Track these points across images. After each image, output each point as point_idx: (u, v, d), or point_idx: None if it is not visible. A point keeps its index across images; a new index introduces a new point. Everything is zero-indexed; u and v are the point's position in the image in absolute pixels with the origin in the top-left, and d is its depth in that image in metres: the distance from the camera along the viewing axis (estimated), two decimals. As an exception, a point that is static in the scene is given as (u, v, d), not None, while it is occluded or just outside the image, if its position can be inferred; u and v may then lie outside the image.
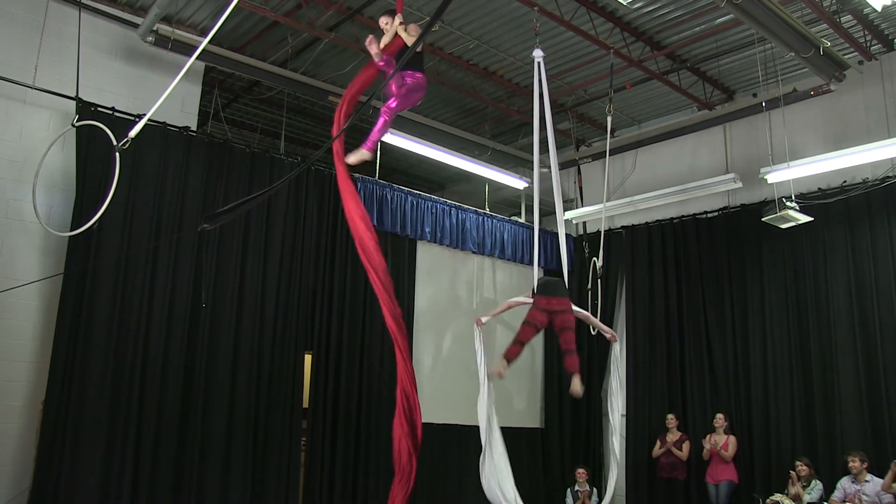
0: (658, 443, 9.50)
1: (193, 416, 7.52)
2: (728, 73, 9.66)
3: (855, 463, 7.63)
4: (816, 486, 7.89)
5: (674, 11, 8.28)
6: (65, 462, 6.68)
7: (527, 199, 11.33)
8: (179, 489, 7.32)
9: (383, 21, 6.04)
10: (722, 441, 8.97)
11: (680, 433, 9.40)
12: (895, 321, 8.19)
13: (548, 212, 11.74)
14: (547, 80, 7.11)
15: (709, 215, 10.09)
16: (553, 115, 10.69)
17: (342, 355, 8.70)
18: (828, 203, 8.77)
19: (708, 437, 9.09)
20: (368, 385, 8.80)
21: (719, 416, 9.11)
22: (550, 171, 6.98)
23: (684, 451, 9.25)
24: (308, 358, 8.61)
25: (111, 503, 6.85)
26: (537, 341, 11.06)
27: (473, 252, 10.46)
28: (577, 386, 6.32)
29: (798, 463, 8.03)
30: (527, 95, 9.06)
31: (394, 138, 8.72)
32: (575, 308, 6.64)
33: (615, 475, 7.41)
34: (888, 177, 8.39)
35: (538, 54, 7.07)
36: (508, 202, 12.01)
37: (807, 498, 7.83)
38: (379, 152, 9.68)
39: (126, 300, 7.29)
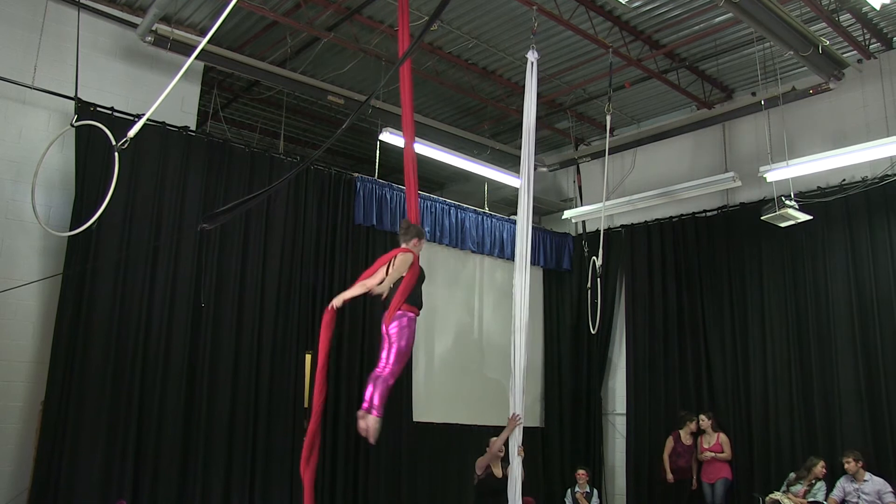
0: (671, 442, 9.21)
1: (194, 416, 7.52)
2: (727, 71, 9.66)
3: (850, 464, 7.64)
4: (821, 488, 7.90)
5: (672, 10, 8.28)
6: (64, 462, 6.67)
7: (526, 199, 11.33)
8: (180, 489, 7.32)
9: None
10: (713, 440, 8.98)
11: (692, 437, 9.20)
12: (894, 319, 8.19)
13: (547, 211, 11.84)
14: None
15: (708, 214, 10.10)
16: (552, 114, 10.82)
17: (342, 355, 8.69)
18: (827, 202, 8.78)
19: (699, 439, 9.10)
20: (368, 384, 8.79)
21: (703, 416, 9.11)
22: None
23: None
24: (308, 358, 8.61)
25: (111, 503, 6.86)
26: (537, 340, 11.08)
27: (473, 251, 10.46)
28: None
29: (821, 463, 7.98)
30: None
31: (393, 138, 8.72)
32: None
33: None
34: (887, 175, 8.39)
35: (532, 56, 7.10)
36: (507, 201, 11.99)
37: (811, 498, 7.85)
38: (378, 152, 9.71)
39: (126, 300, 7.29)
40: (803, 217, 8.30)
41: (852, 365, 8.41)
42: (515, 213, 11.61)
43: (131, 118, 7.05)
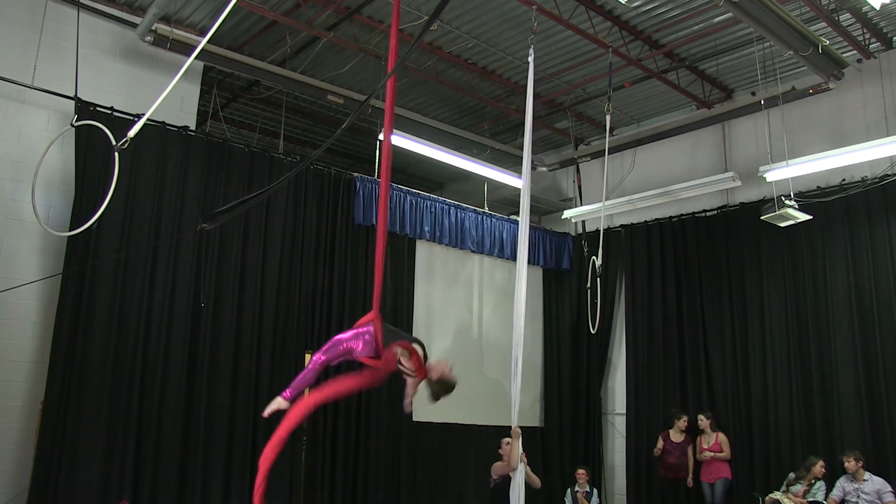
0: (661, 442, 9.37)
1: (194, 417, 7.52)
2: (727, 71, 9.66)
3: (850, 463, 7.64)
4: (821, 488, 7.90)
5: (672, 10, 8.28)
6: (64, 462, 6.67)
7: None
8: (180, 488, 7.32)
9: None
10: (712, 440, 8.99)
11: (685, 435, 9.29)
12: (894, 319, 8.20)
13: (547, 211, 11.84)
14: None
15: (707, 214, 10.10)
16: (552, 113, 10.82)
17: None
18: (826, 201, 8.78)
19: (698, 439, 9.11)
20: (368, 384, 8.79)
21: (701, 416, 9.12)
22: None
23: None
24: (308, 357, 8.61)
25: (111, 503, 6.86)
26: (536, 338, 11.08)
27: (472, 251, 10.45)
28: None
29: (820, 462, 7.97)
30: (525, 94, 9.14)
31: (393, 138, 8.68)
32: None
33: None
34: (887, 175, 8.40)
35: (531, 55, 7.15)
36: (507, 201, 11.99)
37: (810, 498, 7.85)
38: (378, 152, 9.69)
39: (125, 300, 7.28)
40: (803, 217, 8.30)
41: (852, 365, 8.40)
42: (515, 213, 11.69)
43: (131, 118, 7.05)
